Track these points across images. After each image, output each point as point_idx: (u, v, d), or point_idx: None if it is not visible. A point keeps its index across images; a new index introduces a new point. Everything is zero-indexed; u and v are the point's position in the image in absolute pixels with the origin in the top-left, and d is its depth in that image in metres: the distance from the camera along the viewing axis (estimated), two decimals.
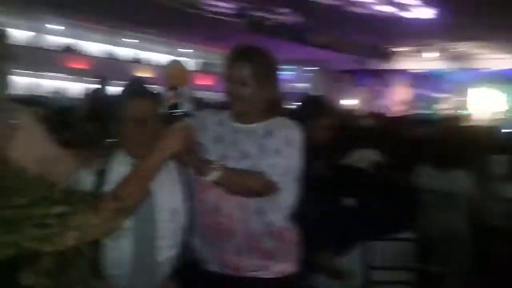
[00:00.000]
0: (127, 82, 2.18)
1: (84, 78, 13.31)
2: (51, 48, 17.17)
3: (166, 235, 1.98)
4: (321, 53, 17.46)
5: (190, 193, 2.08)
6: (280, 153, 2.00)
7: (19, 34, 20.81)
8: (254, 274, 2.05)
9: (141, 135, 1.94)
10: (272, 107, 2.13)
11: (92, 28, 17.56)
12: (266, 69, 2.09)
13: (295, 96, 7.70)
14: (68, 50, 18.90)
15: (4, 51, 1.72)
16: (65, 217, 1.16)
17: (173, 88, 5.36)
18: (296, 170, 2.08)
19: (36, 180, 1.23)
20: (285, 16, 13.63)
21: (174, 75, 5.78)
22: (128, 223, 1.79)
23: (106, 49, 18.98)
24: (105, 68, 12.30)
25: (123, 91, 2.08)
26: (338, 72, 21.06)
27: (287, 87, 13.07)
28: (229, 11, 13.12)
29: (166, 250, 2.01)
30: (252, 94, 2.03)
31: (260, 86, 2.04)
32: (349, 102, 19.59)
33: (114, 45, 18.28)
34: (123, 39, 17.91)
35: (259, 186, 1.98)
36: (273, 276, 2.08)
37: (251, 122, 2.10)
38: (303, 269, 2.20)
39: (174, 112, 4.35)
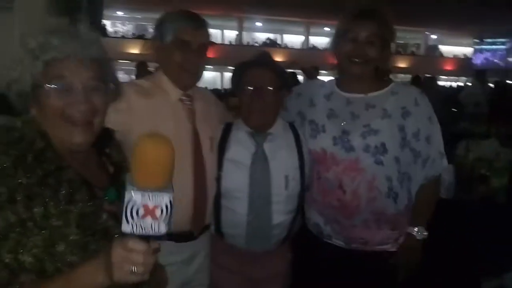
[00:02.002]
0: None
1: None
2: (253, 44, 18.51)
3: (280, 200, 1.96)
4: None
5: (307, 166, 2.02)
6: (429, 140, 1.91)
7: (227, 34, 23.09)
8: (383, 247, 1.98)
9: (258, 104, 1.91)
10: (384, 74, 2.02)
11: (290, 21, 18.38)
12: (391, 29, 1.94)
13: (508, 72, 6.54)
14: (269, 44, 20.14)
15: None
16: None
17: None
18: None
19: None
20: None
21: None
22: (244, 185, 1.90)
23: (304, 40, 19.70)
24: (305, 58, 12.75)
25: (248, 61, 2.04)
26: None
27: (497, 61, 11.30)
28: None
29: (281, 214, 1.98)
30: (379, 55, 1.90)
31: (385, 47, 1.92)
32: None
33: (313, 35, 18.84)
34: (323, 29, 18.15)
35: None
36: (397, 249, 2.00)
37: (364, 92, 1.97)
38: None
39: None
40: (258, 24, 22.80)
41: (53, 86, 1.17)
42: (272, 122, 1.99)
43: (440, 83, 22.36)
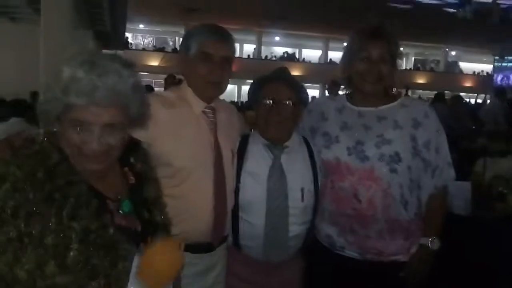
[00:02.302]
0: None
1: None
2: (272, 58, 18.66)
3: (297, 212, 2.01)
4: None
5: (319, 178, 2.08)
6: (438, 150, 2.01)
7: (246, 48, 23.28)
8: (396, 258, 2.02)
9: (276, 118, 1.97)
10: (391, 89, 2.12)
11: (308, 36, 18.49)
12: (398, 46, 2.05)
13: None
14: (288, 58, 20.25)
15: None
16: None
17: None
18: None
19: None
20: None
21: None
22: (261, 198, 1.95)
23: (322, 55, 19.78)
24: (321, 73, 12.81)
25: (267, 75, 2.11)
26: None
27: None
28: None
29: (297, 226, 2.02)
30: (389, 72, 2.01)
31: (394, 65, 2.03)
32: None
33: (331, 50, 18.88)
34: (342, 44, 18.25)
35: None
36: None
37: (374, 105, 2.06)
38: None
39: None
40: (277, 38, 23.02)
41: (71, 126, 1.20)
42: (289, 136, 2.04)
43: None
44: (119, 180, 1.38)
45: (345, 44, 2.15)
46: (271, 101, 1.97)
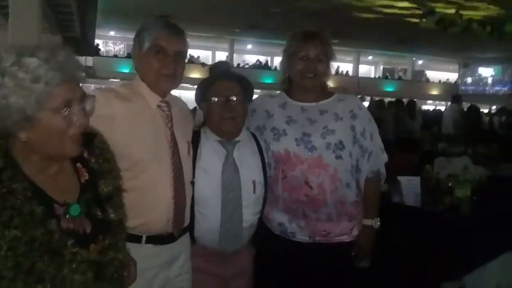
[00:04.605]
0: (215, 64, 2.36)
1: None
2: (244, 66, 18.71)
3: (250, 203, 2.14)
4: None
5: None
6: (372, 138, 2.26)
7: (218, 56, 23.28)
8: (341, 238, 2.23)
9: (229, 113, 2.08)
10: (325, 86, 2.34)
11: (281, 44, 18.72)
12: (331, 48, 2.26)
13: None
14: (261, 66, 20.38)
15: None
16: None
17: None
18: None
19: None
20: None
21: None
22: (216, 192, 2.06)
23: None
24: None
25: (210, 73, 2.25)
26: None
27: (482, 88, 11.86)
28: None
29: (250, 216, 2.15)
30: (325, 70, 2.23)
31: (329, 63, 2.26)
32: None
33: None
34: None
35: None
36: (352, 239, 2.26)
37: (314, 101, 2.27)
38: None
39: None
40: (249, 46, 23.21)
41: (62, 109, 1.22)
42: (240, 130, 2.16)
43: (426, 106, 22.83)
44: (71, 178, 1.38)
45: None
46: (223, 98, 2.08)
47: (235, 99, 2.09)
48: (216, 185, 2.08)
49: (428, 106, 23.50)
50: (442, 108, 17.26)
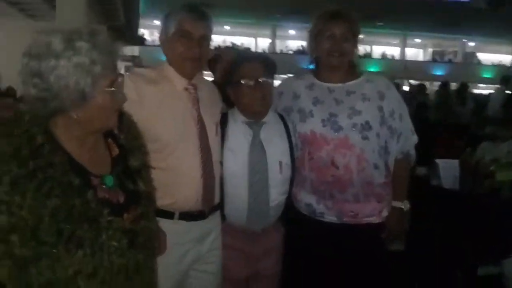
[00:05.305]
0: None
1: None
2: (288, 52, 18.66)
3: (276, 184, 2.16)
4: None
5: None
6: (401, 119, 2.22)
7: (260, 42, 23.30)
8: (370, 219, 2.21)
9: (258, 94, 2.10)
10: (354, 66, 2.30)
11: None
12: (358, 26, 2.24)
13: None
14: (304, 52, 20.16)
15: None
16: None
17: None
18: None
19: None
20: None
21: None
22: (243, 172, 2.10)
23: None
24: None
25: (240, 58, 2.27)
26: None
27: None
28: None
29: (277, 196, 2.17)
30: (351, 48, 2.22)
31: (355, 42, 2.23)
32: None
33: None
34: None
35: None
36: (381, 221, 2.23)
37: (341, 81, 2.24)
38: None
39: None
40: (292, 32, 23.03)
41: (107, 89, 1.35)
42: (267, 111, 2.18)
43: (477, 90, 21.92)
44: (103, 152, 1.48)
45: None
46: (252, 80, 2.10)
47: (263, 80, 2.11)
48: (242, 165, 2.12)
49: (480, 90, 22.54)
50: None
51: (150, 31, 24.07)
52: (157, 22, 22.44)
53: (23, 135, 1.27)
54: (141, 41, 20.84)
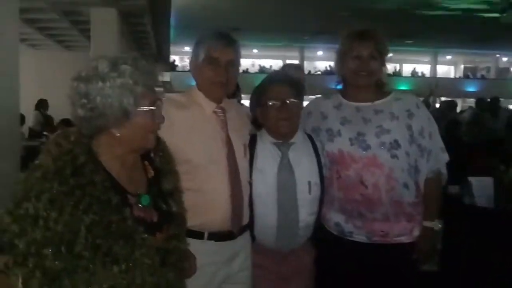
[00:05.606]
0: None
1: None
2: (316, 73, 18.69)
3: (306, 204, 2.17)
4: None
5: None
6: (431, 137, 2.20)
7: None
8: (400, 239, 2.19)
9: (285, 115, 2.14)
10: (383, 85, 2.30)
11: None
12: (385, 46, 2.25)
13: None
14: (330, 72, 20.19)
15: None
16: None
17: None
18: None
19: None
20: None
21: None
22: (272, 192, 2.13)
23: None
24: None
25: (266, 80, 2.32)
26: None
27: None
28: None
29: (306, 216, 2.18)
30: (379, 68, 2.23)
31: (383, 61, 2.25)
32: None
33: None
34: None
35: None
36: (413, 241, 2.20)
37: (369, 100, 2.25)
38: None
39: None
40: (319, 53, 23.13)
41: (147, 108, 1.44)
42: (295, 131, 2.21)
43: None
44: (140, 173, 1.55)
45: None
46: (278, 102, 2.15)
47: (289, 101, 2.15)
48: (271, 186, 2.14)
49: None
50: None
51: (180, 57, 24.69)
52: (187, 49, 23.06)
53: (68, 154, 1.34)
54: (172, 67, 21.37)
